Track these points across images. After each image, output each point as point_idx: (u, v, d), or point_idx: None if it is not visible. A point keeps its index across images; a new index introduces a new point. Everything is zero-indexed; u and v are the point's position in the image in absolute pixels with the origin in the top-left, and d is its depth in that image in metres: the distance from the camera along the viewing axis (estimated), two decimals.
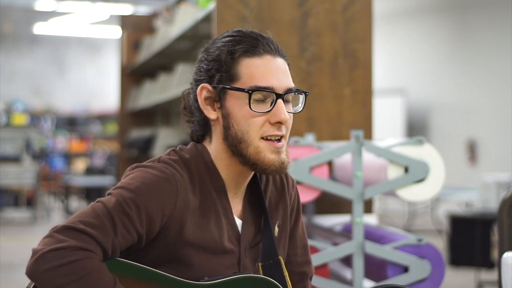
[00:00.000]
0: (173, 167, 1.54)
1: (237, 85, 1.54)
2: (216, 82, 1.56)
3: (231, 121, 1.55)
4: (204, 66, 1.58)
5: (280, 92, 1.54)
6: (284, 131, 1.56)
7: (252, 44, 1.56)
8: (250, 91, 1.52)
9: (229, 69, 1.55)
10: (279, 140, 1.55)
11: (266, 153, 1.54)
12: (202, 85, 1.58)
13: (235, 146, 1.55)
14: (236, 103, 1.54)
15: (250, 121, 1.53)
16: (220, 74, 1.55)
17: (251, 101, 1.53)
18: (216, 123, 1.59)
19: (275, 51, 1.57)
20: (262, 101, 1.54)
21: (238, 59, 1.55)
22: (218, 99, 1.56)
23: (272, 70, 1.55)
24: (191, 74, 1.65)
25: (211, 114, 1.58)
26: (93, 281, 1.39)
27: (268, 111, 1.53)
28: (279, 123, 1.54)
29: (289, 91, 1.56)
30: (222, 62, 1.55)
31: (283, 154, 1.56)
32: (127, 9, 13.06)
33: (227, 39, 1.58)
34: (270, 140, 1.55)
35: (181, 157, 1.58)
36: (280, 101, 1.54)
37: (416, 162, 2.42)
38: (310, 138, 2.87)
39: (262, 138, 1.54)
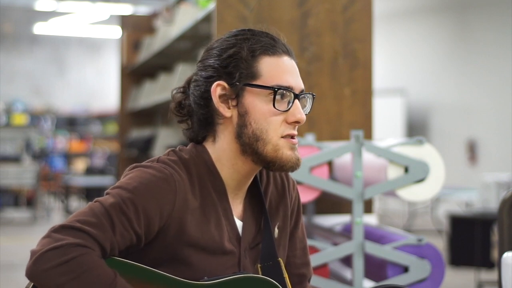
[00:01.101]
0: (171, 167, 1.53)
1: (258, 83, 1.54)
2: (236, 79, 1.55)
3: (249, 119, 1.54)
4: (217, 63, 1.56)
5: (297, 92, 1.56)
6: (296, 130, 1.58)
7: (271, 43, 1.56)
8: (276, 89, 1.53)
9: (249, 66, 1.54)
10: (293, 138, 1.57)
11: (284, 150, 1.55)
12: (218, 82, 1.56)
13: (251, 145, 1.54)
14: (256, 101, 1.54)
15: (270, 119, 1.54)
16: (240, 71, 1.54)
17: (276, 99, 1.53)
18: (227, 122, 1.57)
19: (290, 53, 1.59)
20: (280, 100, 1.54)
21: (258, 57, 1.55)
22: (234, 96, 1.56)
23: (290, 70, 1.56)
24: (194, 72, 1.63)
25: (226, 112, 1.57)
26: (93, 277, 1.38)
27: (287, 110, 1.54)
28: (296, 123, 1.56)
29: (302, 92, 1.58)
30: (241, 59, 1.54)
31: (297, 150, 1.58)
32: (127, 9, 13.06)
33: (241, 37, 1.57)
34: (287, 137, 1.56)
35: (180, 158, 1.57)
36: (297, 101, 1.56)
37: (416, 162, 2.42)
38: (310, 138, 2.87)
39: (282, 137, 1.55)
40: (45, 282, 1.38)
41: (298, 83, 1.57)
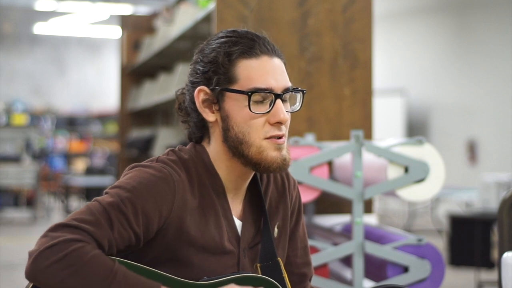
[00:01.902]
0: (170, 167, 1.54)
1: (235, 87, 1.54)
2: (214, 84, 1.55)
3: (231, 123, 1.55)
4: (200, 68, 1.58)
5: (278, 92, 1.54)
6: (284, 130, 1.56)
7: (248, 45, 1.55)
8: (249, 93, 1.52)
9: (226, 71, 1.54)
10: (279, 138, 1.55)
11: (269, 151, 1.54)
12: (199, 87, 1.57)
13: (236, 148, 1.55)
14: (235, 105, 1.54)
15: (250, 123, 1.53)
16: (218, 76, 1.55)
17: (251, 102, 1.52)
18: (215, 125, 1.58)
19: (272, 51, 1.57)
20: (260, 102, 1.54)
21: (235, 61, 1.54)
22: (216, 101, 1.56)
23: (270, 71, 1.54)
24: (187, 74, 1.64)
25: (210, 116, 1.57)
26: (92, 267, 1.39)
27: (268, 112, 1.53)
28: (279, 123, 1.54)
29: (286, 90, 1.56)
30: (219, 64, 1.55)
31: (284, 150, 1.56)
32: (127, 9, 13.06)
33: (222, 40, 1.57)
34: (272, 138, 1.54)
35: (179, 158, 1.58)
36: (278, 101, 1.54)
37: (416, 162, 2.42)
38: (310, 138, 2.87)
39: (265, 138, 1.54)
40: (46, 280, 1.38)
41: (280, 82, 1.55)
